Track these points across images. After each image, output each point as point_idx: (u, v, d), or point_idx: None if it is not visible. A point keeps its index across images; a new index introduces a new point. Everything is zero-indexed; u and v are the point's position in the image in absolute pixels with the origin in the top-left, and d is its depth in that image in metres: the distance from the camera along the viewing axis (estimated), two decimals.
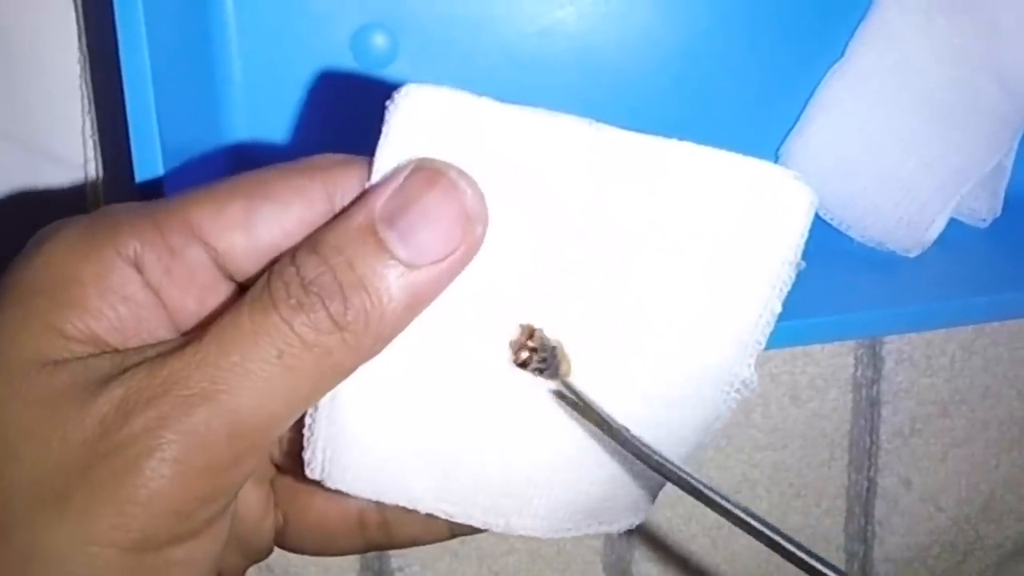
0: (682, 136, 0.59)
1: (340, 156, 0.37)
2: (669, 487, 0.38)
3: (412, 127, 0.35)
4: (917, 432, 0.69)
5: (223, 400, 0.33)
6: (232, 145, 0.58)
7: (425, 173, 0.35)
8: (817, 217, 0.61)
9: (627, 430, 0.37)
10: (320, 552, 0.43)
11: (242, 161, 0.58)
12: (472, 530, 0.40)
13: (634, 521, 0.42)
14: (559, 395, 0.38)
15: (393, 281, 0.34)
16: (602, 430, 0.37)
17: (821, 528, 0.70)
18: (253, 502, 0.41)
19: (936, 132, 0.61)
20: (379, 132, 0.36)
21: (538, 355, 0.37)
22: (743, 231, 0.37)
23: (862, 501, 0.70)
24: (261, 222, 0.36)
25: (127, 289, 0.35)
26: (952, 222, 0.61)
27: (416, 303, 0.35)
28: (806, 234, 0.37)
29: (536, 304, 0.38)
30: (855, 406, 0.69)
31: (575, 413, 0.38)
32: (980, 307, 0.56)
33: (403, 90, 0.35)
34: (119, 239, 0.35)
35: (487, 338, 0.38)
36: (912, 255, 0.60)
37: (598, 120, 0.36)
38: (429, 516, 0.39)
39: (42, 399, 0.33)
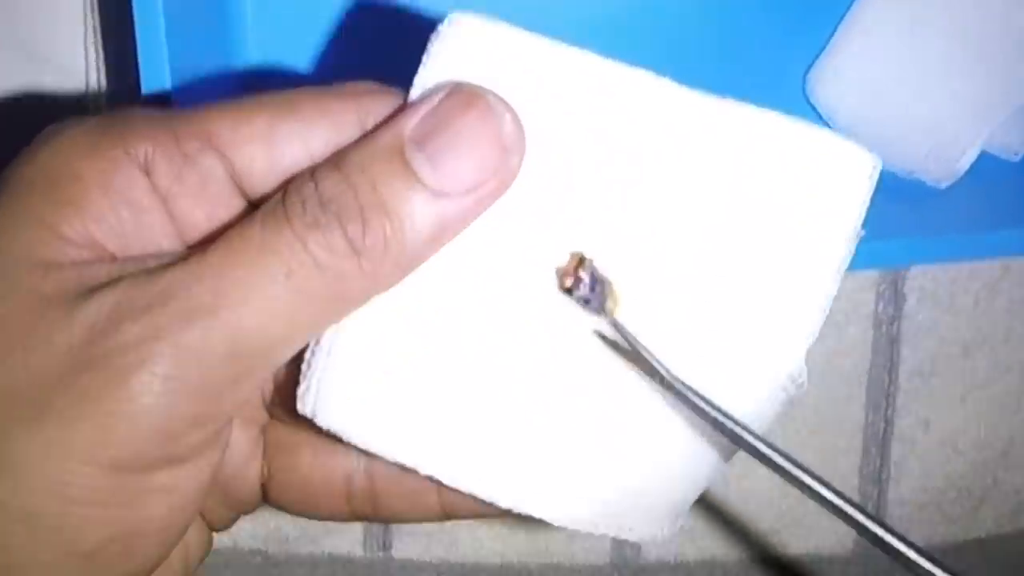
0: (709, 59, 0.59)
1: (376, 84, 0.35)
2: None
3: (455, 56, 0.34)
4: (937, 372, 0.68)
5: (224, 316, 0.31)
6: (242, 45, 0.57)
7: (462, 96, 0.33)
8: None
9: (678, 379, 0.34)
10: (304, 513, 0.41)
11: (251, 64, 0.57)
12: (469, 510, 0.38)
13: (656, 533, 0.38)
14: (602, 336, 0.35)
15: (418, 208, 0.32)
16: (650, 376, 0.35)
17: (836, 468, 0.69)
18: (240, 444, 0.39)
19: (970, 62, 0.59)
20: (414, 57, 0.34)
21: (585, 284, 0.34)
22: (802, 203, 0.35)
23: (878, 442, 0.69)
24: (284, 139, 0.34)
25: (132, 192, 0.33)
26: (983, 155, 0.60)
27: (441, 234, 0.33)
28: (867, 204, 0.35)
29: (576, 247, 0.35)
30: (875, 343, 0.67)
31: (613, 373, 0.35)
32: (1009, 241, 0.55)
33: (449, 18, 0.34)
34: (129, 139, 0.33)
35: (517, 279, 0.35)
36: (942, 186, 0.59)
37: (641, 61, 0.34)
38: (426, 481, 0.36)
39: (29, 301, 0.31)
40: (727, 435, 0.34)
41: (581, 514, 0.36)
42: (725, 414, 0.34)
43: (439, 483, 0.36)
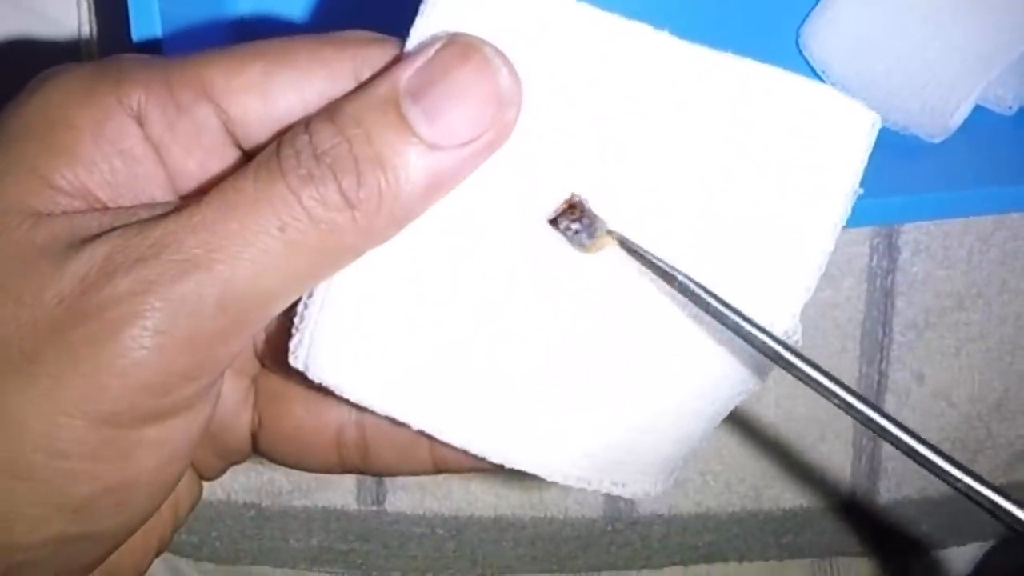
0: (701, 11, 0.59)
1: (372, 33, 0.35)
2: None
3: (453, 5, 0.34)
4: (931, 325, 0.68)
5: (217, 269, 0.31)
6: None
7: (459, 47, 0.33)
8: None
9: (687, 276, 0.34)
10: (295, 465, 0.41)
11: (242, 12, 0.57)
12: (461, 464, 0.38)
13: (649, 489, 0.38)
14: (621, 243, 0.35)
15: (413, 161, 0.32)
16: (659, 275, 0.34)
17: (829, 421, 0.69)
18: (231, 394, 0.39)
19: (964, 15, 0.59)
20: (412, 6, 0.34)
21: (575, 215, 0.34)
22: (800, 160, 0.35)
23: (873, 394, 0.69)
24: (279, 89, 0.34)
25: (125, 141, 0.33)
26: (977, 109, 0.59)
27: (436, 187, 0.33)
28: (866, 162, 0.35)
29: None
30: (869, 297, 0.67)
31: (606, 327, 0.35)
32: (1003, 197, 0.55)
33: None
34: (122, 87, 0.33)
35: (513, 235, 0.35)
36: (936, 141, 0.59)
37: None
38: (417, 435, 0.36)
39: (19, 252, 0.31)
40: (741, 335, 0.34)
41: (573, 469, 0.36)
42: (745, 316, 0.34)
43: (430, 437, 0.36)
